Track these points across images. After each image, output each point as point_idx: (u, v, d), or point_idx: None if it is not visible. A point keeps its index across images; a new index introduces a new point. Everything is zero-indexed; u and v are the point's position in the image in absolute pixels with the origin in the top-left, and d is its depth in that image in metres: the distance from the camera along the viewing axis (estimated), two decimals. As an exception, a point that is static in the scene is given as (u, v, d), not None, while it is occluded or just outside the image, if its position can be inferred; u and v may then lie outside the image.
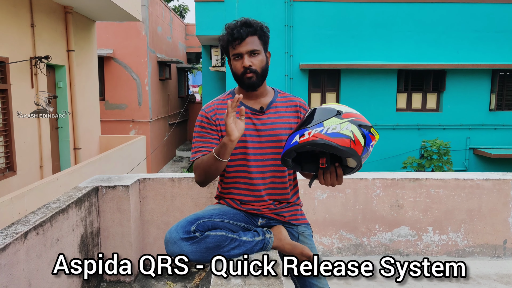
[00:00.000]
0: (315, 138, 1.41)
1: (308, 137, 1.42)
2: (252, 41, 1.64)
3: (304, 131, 1.44)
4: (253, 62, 1.64)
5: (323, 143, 1.40)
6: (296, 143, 1.44)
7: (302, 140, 1.42)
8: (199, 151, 1.68)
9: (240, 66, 1.65)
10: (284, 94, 1.81)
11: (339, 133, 1.42)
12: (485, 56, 10.03)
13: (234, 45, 1.64)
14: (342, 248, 3.08)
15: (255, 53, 1.65)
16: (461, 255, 3.11)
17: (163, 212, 2.87)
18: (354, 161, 1.46)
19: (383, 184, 3.03)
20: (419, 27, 10.00)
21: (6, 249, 1.73)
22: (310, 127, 1.44)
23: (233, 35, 1.62)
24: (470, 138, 10.40)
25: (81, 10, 7.11)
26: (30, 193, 4.18)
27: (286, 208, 1.77)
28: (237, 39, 1.62)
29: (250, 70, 1.64)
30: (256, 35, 1.65)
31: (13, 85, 5.27)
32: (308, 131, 1.43)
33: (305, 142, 1.42)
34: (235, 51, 1.64)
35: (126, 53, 11.41)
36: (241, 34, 1.61)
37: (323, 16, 10.06)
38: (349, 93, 10.33)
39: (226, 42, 1.66)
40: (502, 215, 3.08)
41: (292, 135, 1.47)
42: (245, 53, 1.63)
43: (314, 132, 1.42)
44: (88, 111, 7.64)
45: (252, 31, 1.64)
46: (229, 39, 1.63)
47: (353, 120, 1.46)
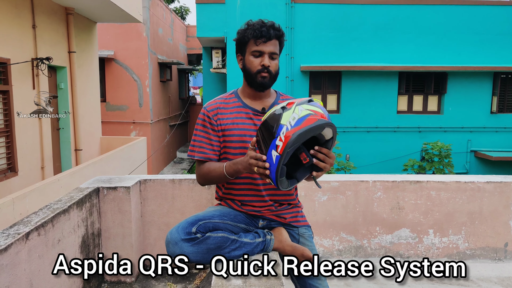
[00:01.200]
0: (289, 138, 1.37)
1: (282, 142, 1.38)
2: (275, 44, 1.67)
3: (274, 142, 1.40)
4: (271, 64, 1.67)
5: (299, 134, 1.36)
6: (278, 157, 1.38)
7: (280, 150, 1.38)
8: (200, 151, 1.71)
9: (258, 64, 1.66)
10: (286, 96, 1.82)
11: (299, 118, 1.39)
12: (486, 59, 10.03)
13: (258, 42, 1.65)
14: (342, 250, 3.07)
15: (274, 56, 1.68)
16: (462, 257, 3.10)
17: (164, 213, 2.87)
18: (329, 129, 1.42)
19: (383, 186, 3.03)
20: (420, 29, 10.01)
21: (8, 249, 1.73)
22: (275, 136, 1.40)
23: (262, 32, 1.63)
24: (471, 140, 10.39)
25: (82, 11, 7.12)
26: (31, 194, 4.18)
27: (286, 210, 1.77)
28: (264, 37, 1.63)
29: (267, 70, 1.66)
30: (279, 40, 1.69)
31: (15, 86, 5.29)
32: (278, 139, 1.39)
33: (284, 148, 1.37)
34: (258, 48, 1.65)
35: (127, 54, 11.43)
36: (269, 34, 1.64)
37: (324, 18, 10.07)
38: (350, 95, 10.33)
39: (249, 37, 1.66)
40: (503, 218, 3.08)
41: (269, 157, 1.41)
42: (267, 53, 1.65)
43: (283, 135, 1.38)
44: (89, 112, 7.65)
45: (278, 35, 1.67)
46: (255, 34, 1.64)
47: (297, 103, 1.45)
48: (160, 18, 12.84)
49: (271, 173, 1.41)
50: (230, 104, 1.74)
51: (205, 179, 1.71)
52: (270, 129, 1.42)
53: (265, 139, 1.44)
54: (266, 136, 1.43)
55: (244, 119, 1.70)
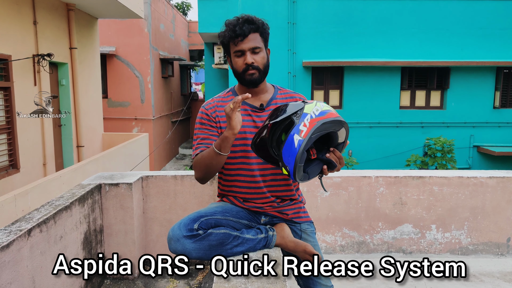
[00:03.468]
0: (314, 124, 1.37)
1: (307, 128, 1.37)
2: (254, 38, 1.63)
3: (298, 127, 1.39)
4: (255, 59, 1.63)
5: (324, 122, 1.37)
6: (301, 141, 1.36)
7: (304, 135, 1.36)
8: (199, 147, 1.68)
9: (242, 63, 1.64)
10: (284, 90, 1.81)
11: (322, 111, 1.41)
12: (489, 54, 9.97)
13: (236, 42, 1.62)
14: (345, 246, 3.07)
15: (257, 50, 1.64)
16: (464, 253, 3.09)
17: (166, 210, 2.87)
18: (344, 130, 1.44)
19: (386, 182, 3.02)
20: (422, 24, 9.95)
21: (10, 246, 1.73)
22: (297, 122, 1.39)
23: (235, 31, 1.60)
24: (474, 136, 10.35)
25: (83, 7, 7.11)
26: (33, 191, 4.19)
27: (289, 206, 1.76)
28: (240, 36, 1.61)
29: (253, 67, 1.63)
30: (258, 32, 1.64)
31: (16, 82, 5.28)
32: (302, 124, 1.38)
33: (309, 133, 1.36)
34: (237, 48, 1.63)
35: (128, 50, 11.41)
36: (243, 31, 1.60)
37: (326, 13, 10.02)
38: (352, 90, 10.30)
39: (227, 39, 1.64)
40: (505, 213, 3.07)
41: (290, 142, 1.38)
42: (247, 50, 1.63)
43: (307, 121, 1.38)
44: (91, 109, 7.65)
45: (254, 28, 1.63)
46: (231, 35, 1.62)
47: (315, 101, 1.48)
48: (161, 13, 12.80)
49: (291, 158, 1.39)
50: (228, 102, 1.73)
51: (199, 166, 1.63)
52: (292, 114, 1.41)
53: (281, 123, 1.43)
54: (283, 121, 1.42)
55: (242, 115, 1.69)
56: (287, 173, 1.42)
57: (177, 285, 2.72)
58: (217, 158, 1.56)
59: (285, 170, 1.42)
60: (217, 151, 1.54)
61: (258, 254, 1.62)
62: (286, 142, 1.40)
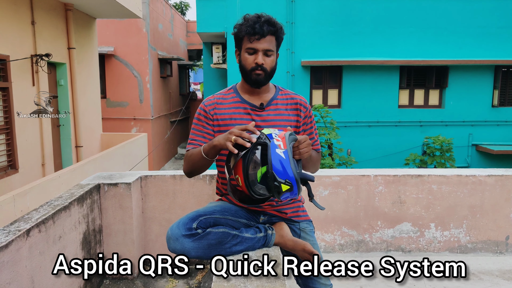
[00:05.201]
0: (284, 137, 1.45)
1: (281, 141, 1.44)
2: (270, 40, 1.63)
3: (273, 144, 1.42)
4: (265, 61, 1.64)
5: (291, 133, 1.49)
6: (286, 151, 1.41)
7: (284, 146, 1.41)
8: (192, 144, 1.71)
9: (252, 61, 1.63)
10: (285, 91, 1.81)
11: (277, 130, 1.53)
12: (487, 52, 9.98)
13: (251, 39, 1.61)
14: (344, 245, 3.07)
15: (269, 53, 1.64)
16: (463, 251, 3.10)
17: (165, 209, 2.87)
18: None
19: (385, 181, 3.02)
20: (421, 23, 9.95)
21: (9, 246, 1.73)
22: (270, 141, 1.44)
23: (255, 29, 1.59)
24: (472, 134, 10.36)
25: (81, 7, 7.09)
26: (32, 191, 4.18)
27: (288, 204, 1.76)
28: (257, 34, 1.60)
29: (261, 68, 1.63)
30: (274, 36, 1.65)
31: (14, 83, 5.27)
32: (275, 140, 1.44)
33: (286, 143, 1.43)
34: (251, 45, 1.62)
35: (127, 50, 11.39)
36: (263, 30, 1.59)
37: (325, 12, 10.02)
38: (351, 89, 10.30)
39: (243, 33, 1.63)
40: (504, 211, 3.07)
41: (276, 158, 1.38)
42: (261, 51, 1.62)
43: (276, 136, 1.45)
44: (89, 109, 7.64)
45: (273, 31, 1.63)
46: (249, 31, 1.60)
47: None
48: (160, 13, 12.79)
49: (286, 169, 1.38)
50: (228, 100, 1.73)
51: (187, 163, 1.66)
52: (260, 140, 1.42)
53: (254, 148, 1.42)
54: (255, 146, 1.42)
55: (242, 114, 1.69)
56: (288, 187, 1.39)
57: (176, 284, 2.72)
58: (202, 160, 1.58)
59: (285, 186, 1.39)
60: (204, 155, 1.56)
61: (257, 253, 1.62)
62: (273, 160, 1.37)
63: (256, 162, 1.40)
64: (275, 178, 1.37)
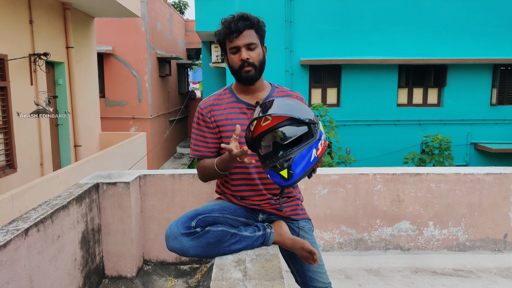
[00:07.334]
0: (325, 149, 1.49)
1: (321, 149, 1.48)
2: (250, 34, 1.63)
3: (317, 143, 1.46)
4: (250, 55, 1.63)
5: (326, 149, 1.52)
6: (315, 159, 1.46)
7: (319, 154, 1.47)
8: (196, 149, 1.73)
9: (238, 60, 1.63)
10: (281, 88, 1.80)
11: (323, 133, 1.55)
12: (486, 51, 9.99)
13: (231, 39, 1.62)
14: (343, 243, 3.08)
15: (252, 46, 1.63)
16: (462, 249, 3.11)
17: (164, 209, 2.87)
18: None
19: (384, 179, 3.03)
20: (419, 22, 9.96)
21: (7, 245, 1.73)
22: (316, 138, 1.46)
23: (230, 28, 1.60)
24: (471, 133, 10.38)
25: (79, 6, 7.08)
26: (30, 190, 4.18)
27: (286, 203, 1.76)
28: (234, 32, 1.60)
29: (248, 63, 1.62)
30: (253, 29, 1.64)
31: (12, 82, 5.26)
32: (319, 142, 1.47)
33: (321, 156, 1.48)
34: (232, 44, 1.63)
35: (125, 49, 11.37)
36: (238, 27, 1.60)
37: (324, 11, 10.01)
38: (350, 88, 10.31)
39: (223, 36, 1.64)
40: (502, 209, 3.08)
41: (308, 154, 1.42)
42: (242, 46, 1.62)
43: (323, 141, 1.49)
44: (88, 108, 7.63)
45: (249, 25, 1.62)
46: (226, 32, 1.62)
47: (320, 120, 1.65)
48: (158, 12, 12.77)
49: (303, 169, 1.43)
50: (224, 100, 1.73)
51: (203, 175, 1.73)
52: (313, 128, 1.45)
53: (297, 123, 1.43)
54: (300, 123, 1.43)
55: (238, 114, 1.69)
56: (287, 176, 1.42)
57: (175, 283, 2.72)
58: (216, 174, 1.64)
59: (286, 173, 1.42)
60: (218, 170, 1.60)
61: (256, 251, 1.62)
62: (304, 152, 1.43)
63: (296, 135, 1.43)
64: (288, 161, 1.41)
